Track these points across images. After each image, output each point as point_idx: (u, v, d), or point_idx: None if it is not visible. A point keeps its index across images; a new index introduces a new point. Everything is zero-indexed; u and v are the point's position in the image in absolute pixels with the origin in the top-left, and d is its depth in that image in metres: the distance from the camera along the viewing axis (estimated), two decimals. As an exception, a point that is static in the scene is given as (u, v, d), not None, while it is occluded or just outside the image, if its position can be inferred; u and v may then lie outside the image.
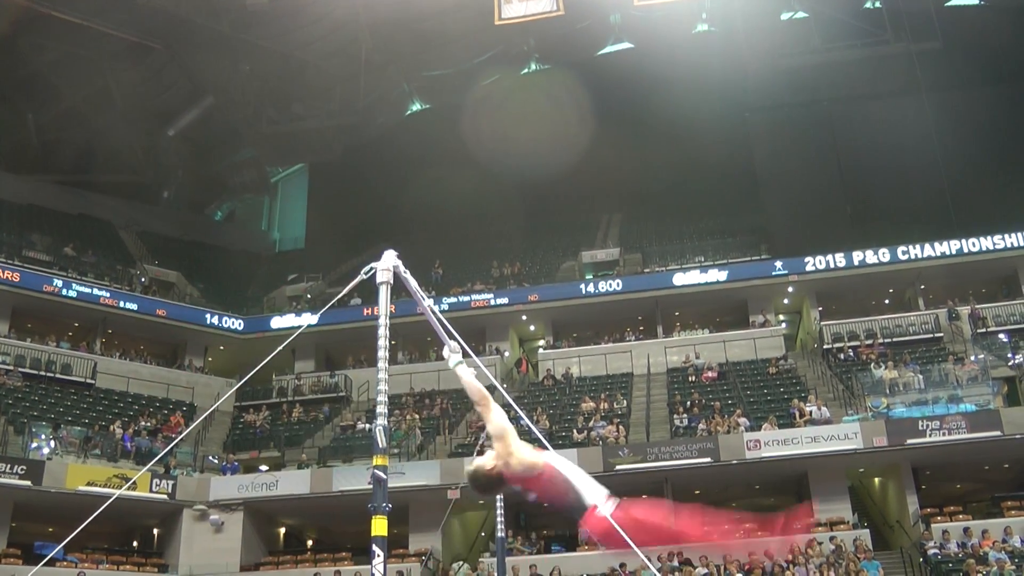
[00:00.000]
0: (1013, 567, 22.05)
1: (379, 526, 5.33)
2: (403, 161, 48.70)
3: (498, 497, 9.95)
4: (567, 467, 6.10)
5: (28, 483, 28.08)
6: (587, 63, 46.94)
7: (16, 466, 28.25)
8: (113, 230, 48.39)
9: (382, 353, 5.72)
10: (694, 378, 35.63)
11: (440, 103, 49.76)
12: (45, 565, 20.70)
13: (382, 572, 5.27)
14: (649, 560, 7.07)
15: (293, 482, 30.89)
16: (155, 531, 33.37)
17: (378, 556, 5.29)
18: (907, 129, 40.89)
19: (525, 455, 5.91)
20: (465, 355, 6.80)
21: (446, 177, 44.99)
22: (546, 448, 6.22)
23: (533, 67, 48.88)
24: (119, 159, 49.97)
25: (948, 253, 38.16)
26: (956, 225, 38.25)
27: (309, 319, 39.23)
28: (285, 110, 47.86)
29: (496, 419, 5.93)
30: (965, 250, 37.94)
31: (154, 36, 43.32)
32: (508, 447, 5.88)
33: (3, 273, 37.27)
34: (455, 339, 6.49)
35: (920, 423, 27.36)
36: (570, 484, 6.03)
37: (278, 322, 42.33)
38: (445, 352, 6.49)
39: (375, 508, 5.35)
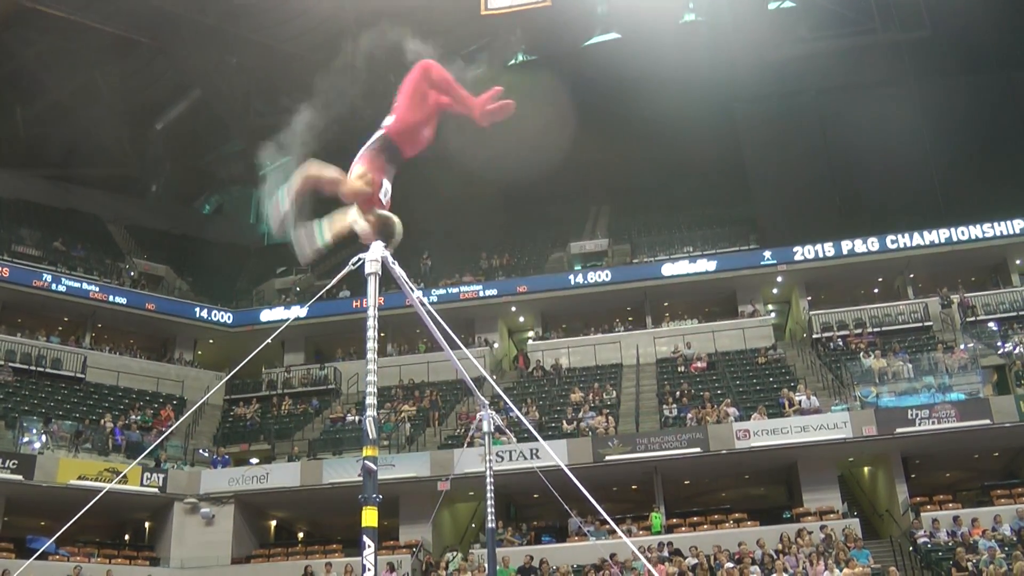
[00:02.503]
0: (1003, 555, 22.09)
1: (370, 517, 5.35)
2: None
3: (488, 490, 9.96)
4: (363, 150, 7.35)
5: (20, 477, 28.07)
6: (574, 54, 46.87)
7: (8, 460, 28.25)
8: (102, 224, 48.29)
9: (371, 344, 5.73)
10: (683, 368, 35.69)
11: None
12: (38, 559, 20.64)
13: (373, 563, 5.28)
14: (639, 552, 7.08)
15: (283, 475, 30.89)
16: (146, 524, 33.35)
17: (369, 547, 5.30)
18: (895, 118, 40.88)
19: (355, 182, 6.91)
20: (454, 347, 6.85)
21: (434, 169, 44.87)
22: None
23: (520, 58, 48.80)
24: (107, 153, 49.84)
25: (937, 242, 38.17)
26: (945, 214, 38.34)
27: (298, 311, 39.23)
28: (273, 102, 47.75)
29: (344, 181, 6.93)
30: (954, 239, 37.96)
31: (141, 30, 43.18)
32: (349, 190, 6.86)
33: (-8, 268, 37.26)
34: (444, 328, 6.55)
35: (909, 412, 27.40)
36: (371, 148, 7.43)
37: (267, 315, 42.32)
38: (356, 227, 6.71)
39: (366, 499, 5.37)
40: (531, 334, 42.10)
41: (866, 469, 31.88)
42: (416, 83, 7.09)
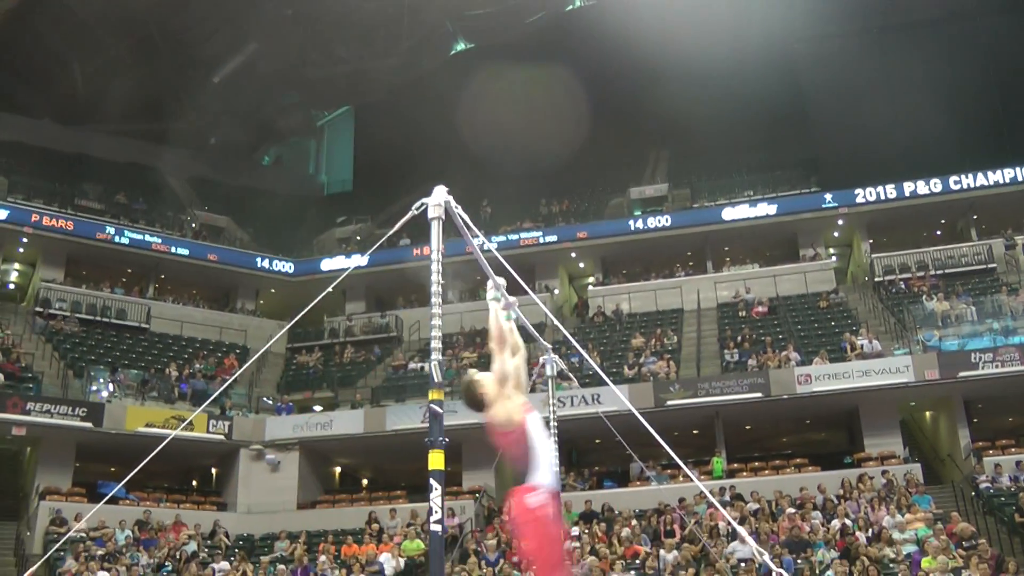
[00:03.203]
0: (1068, 498, 21.97)
1: (436, 460, 5.41)
2: (449, 101, 48.42)
3: (551, 434, 10.03)
4: (539, 437, 6.38)
5: (89, 425, 28.62)
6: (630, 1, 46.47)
7: (78, 408, 28.81)
8: (162, 177, 48.63)
9: (436, 288, 5.77)
10: (744, 313, 35.55)
11: (484, 42, 49.45)
12: (108, 503, 21.06)
13: (440, 505, 5.36)
14: (708, 494, 7.08)
15: (347, 422, 31.20)
16: (213, 471, 33.94)
17: (436, 489, 5.37)
18: (958, 56, 40.24)
19: (511, 407, 6.28)
20: (512, 293, 6.87)
21: (492, 116, 44.79)
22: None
23: (577, 3, 48.43)
24: (166, 107, 50.13)
25: (1001, 182, 37.57)
26: (1009, 153, 37.73)
27: (359, 260, 39.38)
28: (329, 53, 47.78)
29: (504, 364, 6.32)
30: (1019, 179, 37.31)
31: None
32: (503, 392, 6.27)
33: (57, 222, 37.80)
34: (501, 277, 6.58)
35: (972, 355, 27.14)
36: (531, 454, 6.30)
37: (328, 264, 42.56)
38: (489, 288, 6.61)
39: (432, 442, 5.43)
40: (591, 280, 42.04)
41: (928, 414, 31.67)
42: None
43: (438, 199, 5.90)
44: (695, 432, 30.68)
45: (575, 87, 42.94)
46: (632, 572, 21.54)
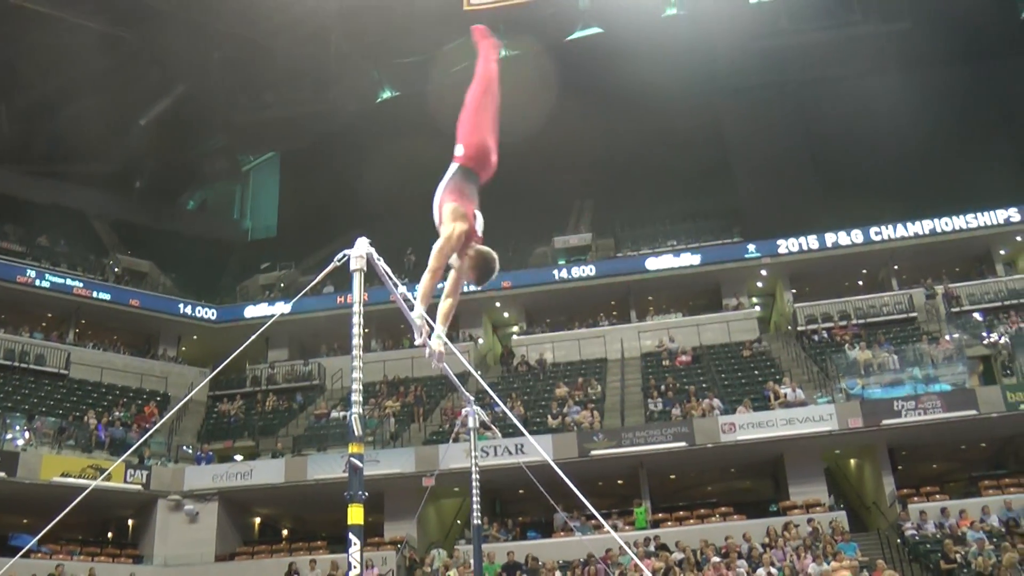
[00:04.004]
0: (992, 546, 22.12)
1: (356, 514, 5.29)
2: (374, 148, 48.45)
3: (473, 485, 9.92)
4: (444, 185, 7.36)
5: (2, 474, 27.90)
6: (557, 49, 46.78)
7: (-9, 457, 28.14)
8: (86, 220, 48.17)
9: (356, 340, 5.68)
10: (668, 362, 35.69)
11: (410, 90, 49.56)
12: (20, 557, 20.54)
13: (359, 560, 5.24)
14: (626, 545, 7.10)
15: (268, 471, 30.80)
16: (130, 522, 33.23)
17: (355, 544, 5.25)
18: (877, 109, 41.08)
19: (455, 223, 6.97)
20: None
21: (417, 163, 44.61)
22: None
23: (503, 53, 48.61)
24: (91, 149, 49.64)
25: (921, 233, 38.29)
26: (928, 204, 38.40)
27: (282, 307, 39.14)
28: (256, 98, 47.68)
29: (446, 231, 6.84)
30: (938, 229, 38.08)
31: (125, 25, 43.07)
32: (447, 238, 6.81)
33: (-25, 265, 37.17)
34: (425, 318, 6.55)
35: (895, 403, 27.38)
36: (453, 180, 7.46)
37: (251, 311, 42.25)
38: (417, 341, 6.57)
39: (351, 496, 5.31)
40: (516, 329, 42.05)
41: (852, 461, 31.90)
42: (480, 93, 7.29)
43: (360, 251, 5.83)
44: (620, 481, 30.67)
45: (500, 136, 42.99)
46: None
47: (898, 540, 24.87)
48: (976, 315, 34.87)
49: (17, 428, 30.76)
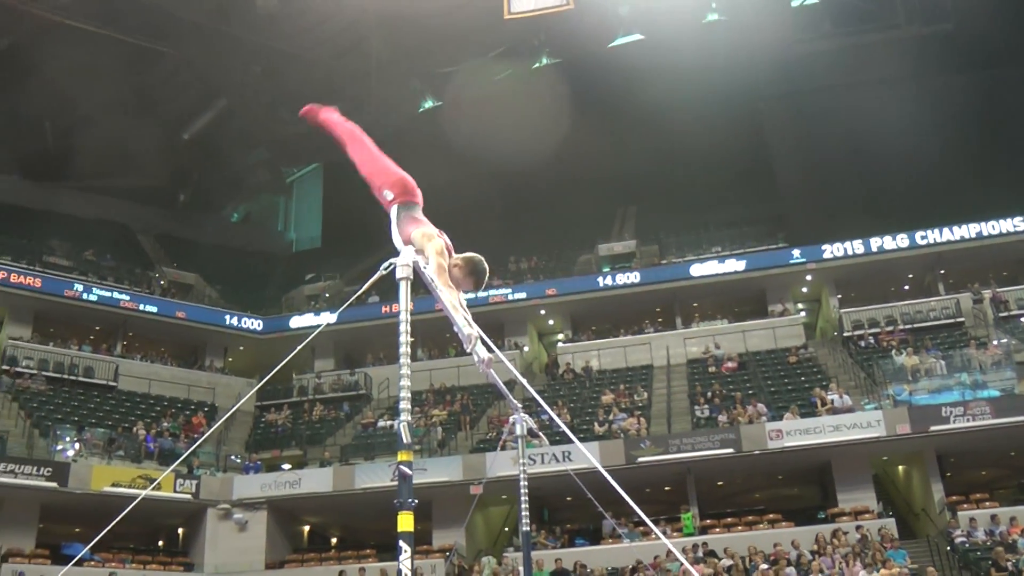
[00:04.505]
0: (1042, 553, 21.94)
1: (405, 522, 5.32)
2: (417, 157, 48.19)
3: (521, 493, 9.93)
4: (401, 226, 7.23)
5: (54, 484, 28.29)
6: (598, 56, 46.72)
7: (42, 468, 28.49)
8: (131, 234, 48.58)
9: (404, 349, 5.71)
10: (714, 369, 35.55)
11: (452, 99, 49.66)
12: (73, 565, 20.78)
13: (410, 568, 5.27)
14: (678, 553, 7.12)
15: (315, 480, 30.99)
16: (180, 530, 33.58)
17: (405, 552, 5.28)
18: (922, 112, 40.67)
19: (434, 246, 6.86)
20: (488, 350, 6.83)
21: (461, 172, 44.93)
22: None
23: (544, 61, 48.70)
24: (135, 164, 50.08)
25: (967, 236, 37.88)
26: (975, 208, 38.03)
27: (328, 318, 39.32)
28: (298, 110, 47.89)
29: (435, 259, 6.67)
30: (984, 233, 37.66)
31: (166, 40, 43.38)
32: (438, 253, 6.75)
33: (25, 279, 37.56)
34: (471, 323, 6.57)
35: (943, 409, 27.19)
36: (404, 219, 7.31)
37: (297, 321, 42.43)
38: (467, 348, 6.55)
39: (401, 504, 5.34)
40: (561, 336, 42.00)
41: (900, 468, 31.67)
42: (360, 148, 7.39)
43: (406, 259, 5.87)
44: (667, 488, 30.61)
45: (543, 144, 43.07)
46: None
47: (948, 547, 24.69)
48: (1024, 319, 34.55)
49: (67, 439, 31.11)
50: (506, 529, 32.83)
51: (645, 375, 36.79)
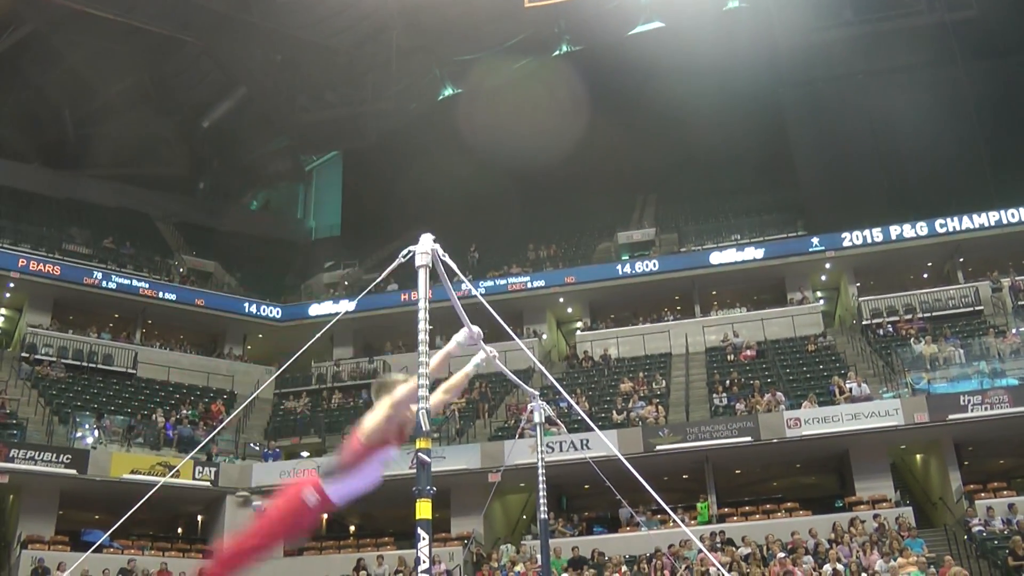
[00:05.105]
0: (1060, 542, 21.86)
1: (424, 509, 5.35)
2: (437, 145, 48.60)
3: (540, 481, 9.96)
4: (372, 472, 6.75)
5: (74, 472, 28.41)
6: (617, 45, 46.67)
7: (62, 455, 28.59)
8: (150, 222, 48.70)
9: (423, 336, 5.73)
10: (733, 357, 35.50)
11: (472, 87, 49.67)
12: (93, 552, 20.89)
13: (428, 554, 5.29)
14: (697, 540, 7.11)
15: (334, 468, 30.99)
16: (199, 518, 33.69)
17: (423, 539, 5.31)
18: (943, 100, 40.53)
19: (386, 427, 6.53)
20: (500, 339, 6.85)
21: (481, 160, 44.94)
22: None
23: (564, 49, 48.69)
24: (155, 152, 50.28)
25: (987, 225, 37.66)
26: (994, 196, 37.86)
27: (347, 305, 39.34)
28: (318, 98, 48.00)
29: (434, 396, 6.52)
30: (1004, 221, 37.42)
31: (186, 29, 43.52)
32: (398, 409, 6.42)
33: (44, 266, 37.65)
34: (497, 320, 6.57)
35: (961, 398, 27.11)
36: (355, 472, 6.68)
37: (316, 309, 42.49)
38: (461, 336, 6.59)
39: (419, 491, 5.37)
40: (579, 324, 41.97)
41: (918, 456, 31.59)
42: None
43: (425, 247, 5.88)
44: (685, 476, 30.61)
45: (562, 132, 43.07)
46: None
47: (965, 536, 24.62)
48: (1044, 308, 34.38)
49: (87, 427, 31.25)
50: (524, 517, 32.86)
51: (663, 363, 36.75)
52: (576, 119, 43.95)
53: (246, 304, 42.49)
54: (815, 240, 39.47)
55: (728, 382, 31.98)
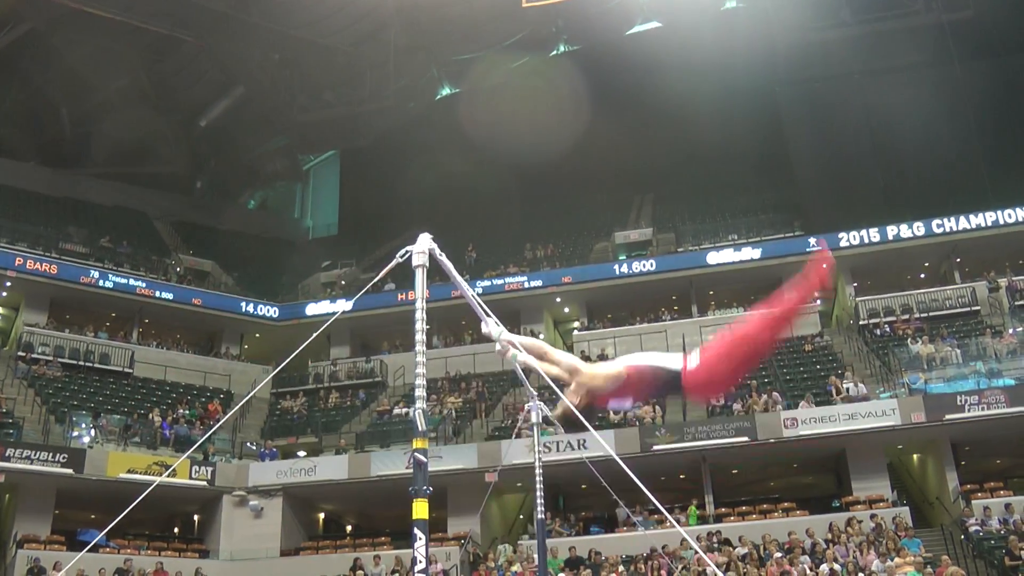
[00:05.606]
0: (1056, 543, 21.88)
1: (420, 509, 5.33)
2: (434, 145, 48.62)
3: (537, 480, 9.97)
4: (642, 357, 6.31)
5: (70, 471, 28.39)
6: (615, 44, 46.69)
7: (58, 454, 28.57)
8: (148, 221, 48.69)
9: (420, 336, 5.72)
10: (730, 357, 35.42)
11: (470, 87, 49.68)
12: (88, 551, 20.87)
13: (424, 554, 5.28)
14: (692, 540, 7.14)
15: (331, 467, 31.05)
16: (195, 517, 33.69)
17: (420, 539, 5.29)
18: (940, 100, 40.52)
19: (605, 370, 6.21)
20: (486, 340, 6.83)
21: (478, 160, 44.96)
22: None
23: (562, 49, 48.71)
24: (152, 150, 50.26)
25: (984, 225, 37.68)
26: (992, 196, 37.88)
27: (344, 305, 39.33)
28: (316, 98, 47.98)
29: (563, 358, 6.26)
30: (1001, 221, 37.44)
31: (184, 28, 43.52)
32: (586, 374, 6.15)
33: (41, 265, 37.65)
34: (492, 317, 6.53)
35: (958, 398, 27.14)
36: (653, 367, 6.18)
37: (313, 309, 42.48)
38: (484, 328, 6.52)
39: (416, 491, 5.35)
40: (576, 324, 41.96)
41: (915, 456, 31.62)
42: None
43: (422, 247, 5.86)
44: (682, 476, 30.64)
45: (560, 132, 43.07)
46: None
47: (962, 536, 24.65)
48: (1041, 308, 34.40)
49: (83, 426, 31.22)
50: (521, 517, 32.88)
51: (661, 363, 36.68)
52: (574, 119, 43.93)
53: (243, 303, 42.48)
54: (812, 240, 39.41)
55: (725, 382, 31.90)
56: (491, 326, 6.48)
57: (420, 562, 5.27)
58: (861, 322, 36.73)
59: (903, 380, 29.66)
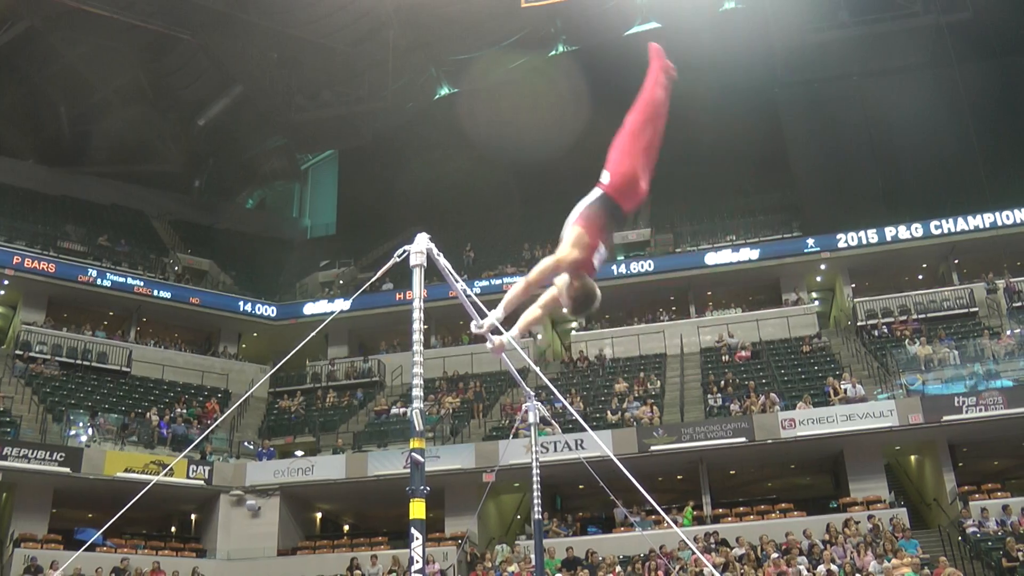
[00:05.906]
0: (1054, 544, 21.88)
1: (417, 509, 5.34)
2: (433, 145, 48.64)
3: (534, 480, 9.95)
4: (575, 210, 7.17)
5: (67, 470, 28.33)
6: (613, 44, 46.65)
7: (55, 453, 28.49)
8: (146, 220, 48.68)
9: (417, 336, 5.72)
10: (727, 357, 35.51)
11: (468, 87, 49.68)
12: (86, 550, 20.85)
13: (421, 555, 5.28)
14: (689, 541, 7.11)
15: (328, 467, 31.02)
16: (192, 516, 33.68)
17: (417, 539, 5.29)
18: (938, 101, 40.57)
19: (569, 242, 6.84)
20: (495, 332, 6.84)
21: (476, 160, 44.95)
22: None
23: (560, 49, 48.70)
24: (151, 149, 50.23)
25: (981, 227, 37.71)
26: (990, 197, 37.89)
27: (341, 305, 39.34)
28: (314, 97, 47.91)
29: (537, 271, 6.82)
30: (999, 223, 37.48)
31: (183, 26, 43.48)
32: (563, 259, 6.75)
33: (38, 264, 37.63)
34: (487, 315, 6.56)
35: (956, 399, 27.12)
36: (587, 207, 7.11)
37: (311, 308, 42.45)
38: (473, 327, 6.56)
39: (413, 491, 5.35)
40: (574, 324, 41.96)
41: (913, 458, 31.62)
42: (640, 120, 6.91)
43: (420, 246, 5.87)
44: (679, 477, 30.63)
45: (558, 131, 43.04)
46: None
47: (959, 537, 24.63)
48: (1038, 309, 34.42)
49: (81, 425, 31.18)
50: (518, 517, 32.87)
51: (658, 363, 36.76)
52: (572, 119, 43.86)
53: (241, 302, 42.47)
54: (810, 241, 39.50)
55: (723, 383, 31.99)
56: (474, 325, 6.54)
57: (417, 562, 5.27)
58: (859, 323, 36.73)
59: (901, 381, 29.65)
